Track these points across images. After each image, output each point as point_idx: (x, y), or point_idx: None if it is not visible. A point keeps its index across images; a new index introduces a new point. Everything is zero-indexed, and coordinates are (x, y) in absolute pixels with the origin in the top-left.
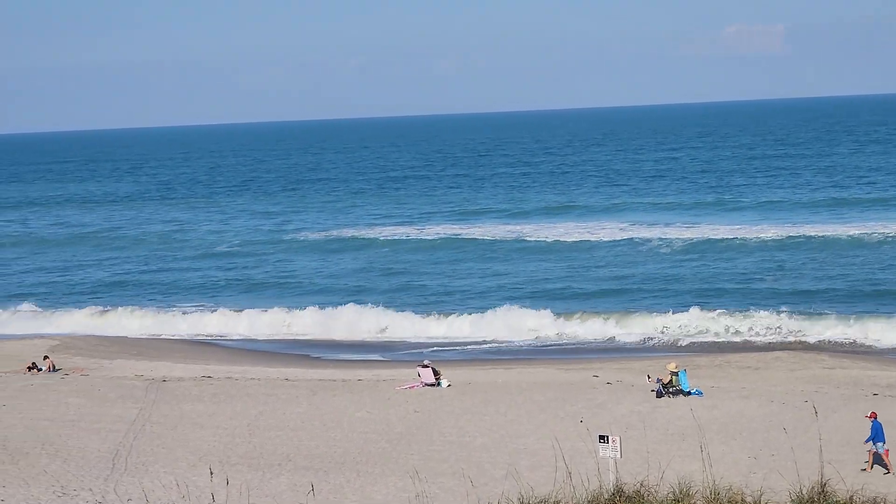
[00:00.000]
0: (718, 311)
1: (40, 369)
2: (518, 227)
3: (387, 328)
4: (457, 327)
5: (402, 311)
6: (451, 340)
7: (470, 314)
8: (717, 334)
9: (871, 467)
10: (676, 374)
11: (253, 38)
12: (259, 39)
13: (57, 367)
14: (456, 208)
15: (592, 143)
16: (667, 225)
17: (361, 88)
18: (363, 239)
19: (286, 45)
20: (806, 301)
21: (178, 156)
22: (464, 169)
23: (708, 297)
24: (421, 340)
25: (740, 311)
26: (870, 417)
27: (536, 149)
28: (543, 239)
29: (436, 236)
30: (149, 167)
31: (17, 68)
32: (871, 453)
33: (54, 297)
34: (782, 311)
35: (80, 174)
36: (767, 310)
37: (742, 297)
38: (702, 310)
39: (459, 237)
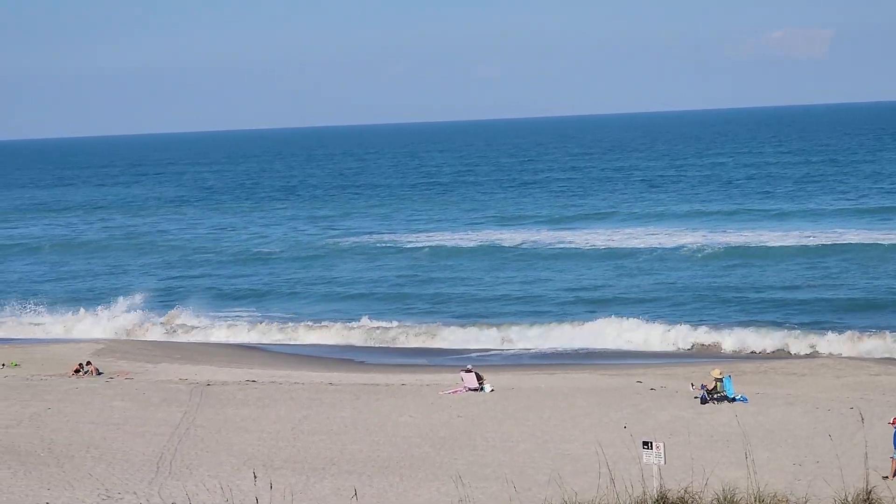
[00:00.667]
0: (763, 317)
1: (86, 372)
2: (561, 234)
3: (432, 334)
4: (503, 335)
5: (447, 317)
6: (496, 348)
7: (517, 323)
8: (761, 340)
9: (893, 476)
10: (721, 380)
11: (296, 42)
12: (302, 43)
13: (100, 371)
14: (500, 213)
15: (634, 148)
16: (711, 231)
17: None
18: (407, 244)
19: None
20: (851, 309)
21: (222, 160)
22: (508, 174)
23: (753, 304)
24: (465, 346)
25: (785, 318)
26: (892, 424)
27: (581, 153)
28: (588, 245)
29: (479, 242)
30: (193, 171)
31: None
32: (893, 461)
33: (101, 300)
34: (826, 320)
35: (125, 178)
36: (811, 316)
37: (786, 305)
38: (746, 316)
39: (502, 243)
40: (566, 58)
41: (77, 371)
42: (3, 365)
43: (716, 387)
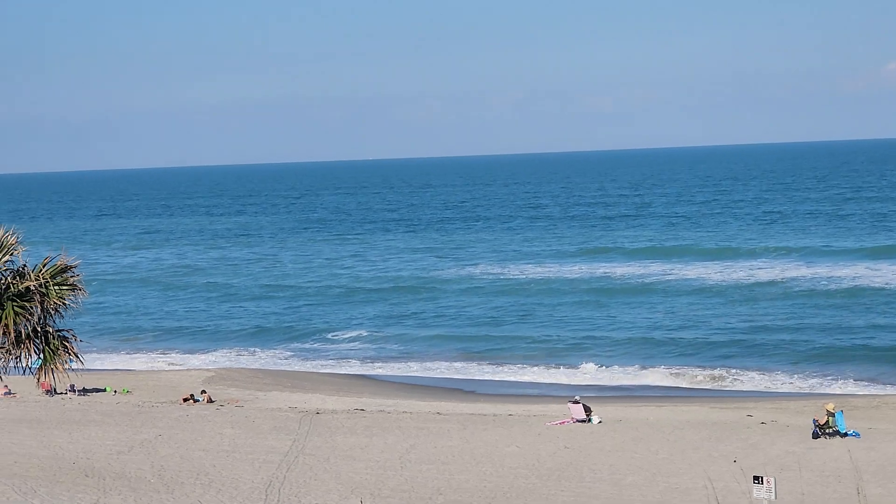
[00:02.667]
0: (874, 352)
1: (197, 400)
2: (669, 266)
3: (537, 365)
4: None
5: (553, 348)
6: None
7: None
8: (873, 376)
9: None
10: (833, 414)
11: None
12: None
13: (213, 399)
14: (608, 245)
15: (743, 178)
16: (831, 266)
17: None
18: (516, 275)
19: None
20: None
21: (334, 190)
22: (618, 209)
23: (865, 339)
24: (574, 383)
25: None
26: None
27: (696, 184)
28: (719, 279)
29: (589, 273)
30: (304, 201)
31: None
32: None
33: (212, 328)
34: None
35: (237, 207)
36: None
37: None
38: (856, 352)
39: (608, 276)
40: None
41: (187, 399)
42: (116, 392)
43: (828, 421)
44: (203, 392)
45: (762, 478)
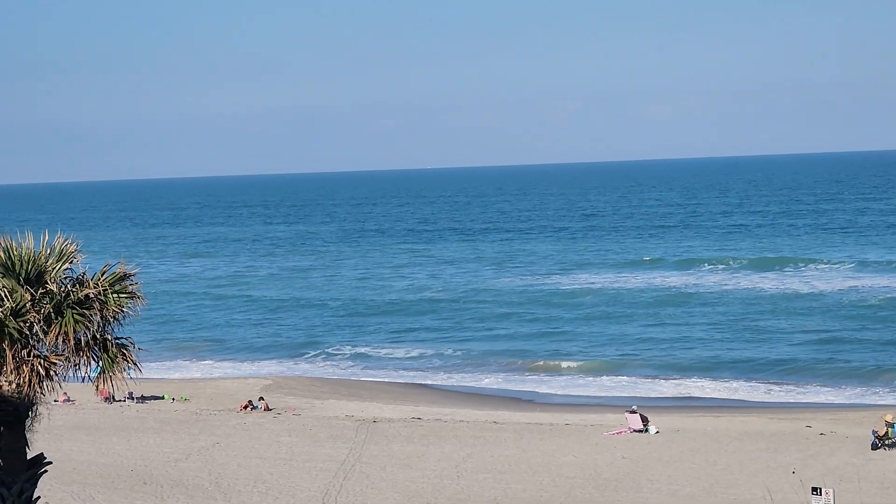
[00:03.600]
0: None
1: (255, 407)
2: (721, 277)
3: (598, 374)
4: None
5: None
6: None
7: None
8: None
9: None
10: (892, 425)
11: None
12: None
13: (271, 407)
14: (664, 254)
15: (806, 187)
16: (892, 277)
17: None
18: (565, 286)
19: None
20: None
21: (389, 200)
22: (675, 218)
23: None
24: (630, 395)
25: None
26: None
27: (754, 193)
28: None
29: (638, 284)
30: (359, 210)
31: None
32: None
33: (270, 336)
34: None
35: (292, 216)
36: None
37: None
38: None
39: (664, 285)
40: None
41: (245, 406)
42: (174, 399)
43: (887, 432)
44: (261, 399)
45: (821, 489)
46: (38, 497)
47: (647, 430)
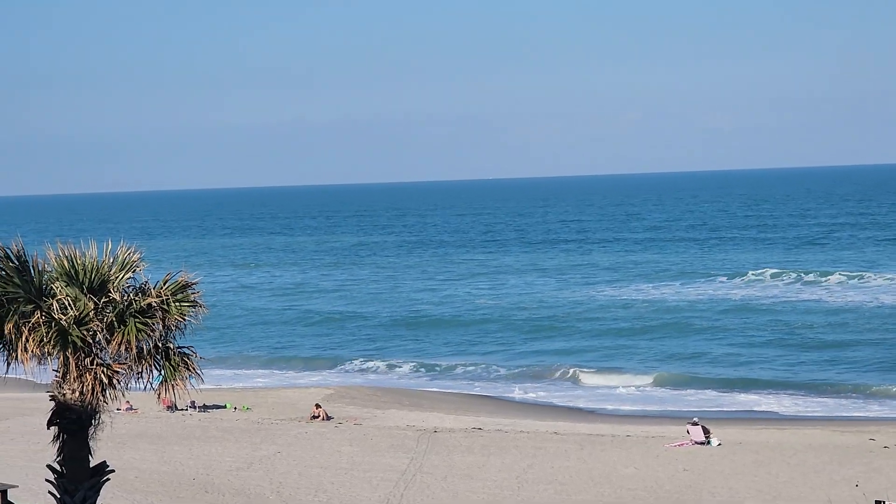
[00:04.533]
0: None
1: (317, 416)
2: (787, 288)
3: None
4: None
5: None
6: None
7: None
8: None
9: None
10: None
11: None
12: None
13: (330, 416)
14: (730, 266)
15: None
16: None
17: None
18: (627, 297)
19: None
20: None
21: (450, 210)
22: (743, 231)
23: None
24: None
25: None
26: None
27: (816, 204)
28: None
29: (701, 296)
30: (419, 221)
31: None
32: None
33: (331, 345)
34: None
35: (352, 225)
36: None
37: None
38: None
39: (729, 297)
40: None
41: (316, 416)
42: (236, 408)
43: None
44: (318, 406)
45: (885, 502)
46: None
47: (709, 443)
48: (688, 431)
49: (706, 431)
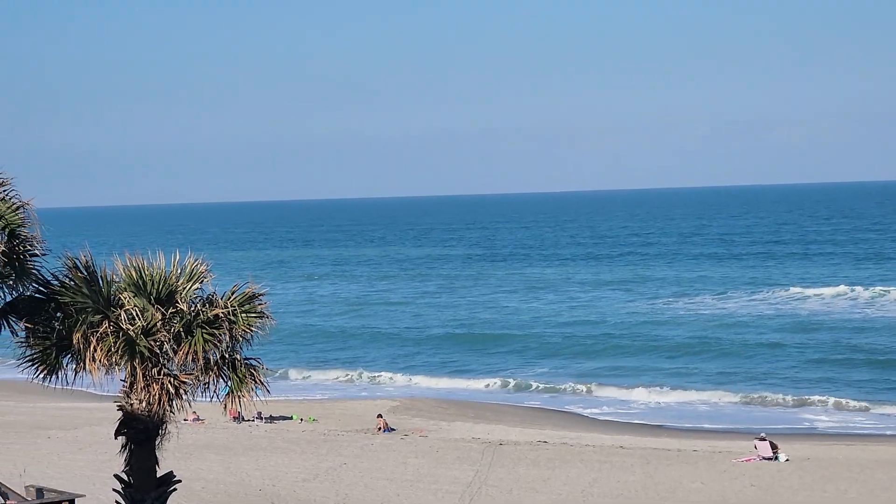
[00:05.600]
0: None
1: (379, 427)
2: (852, 302)
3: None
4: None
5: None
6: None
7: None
8: None
9: None
10: None
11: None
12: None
13: (391, 427)
14: (806, 281)
15: None
16: None
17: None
18: (695, 311)
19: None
20: None
21: (517, 222)
22: (817, 245)
23: None
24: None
25: None
26: None
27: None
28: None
29: (768, 310)
30: (483, 233)
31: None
32: None
33: (397, 357)
34: None
35: (417, 238)
36: None
37: None
38: None
39: (797, 311)
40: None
41: (381, 428)
42: (302, 420)
43: None
44: (379, 416)
45: None
46: None
47: (776, 458)
48: (755, 447)
49: (774, 447)
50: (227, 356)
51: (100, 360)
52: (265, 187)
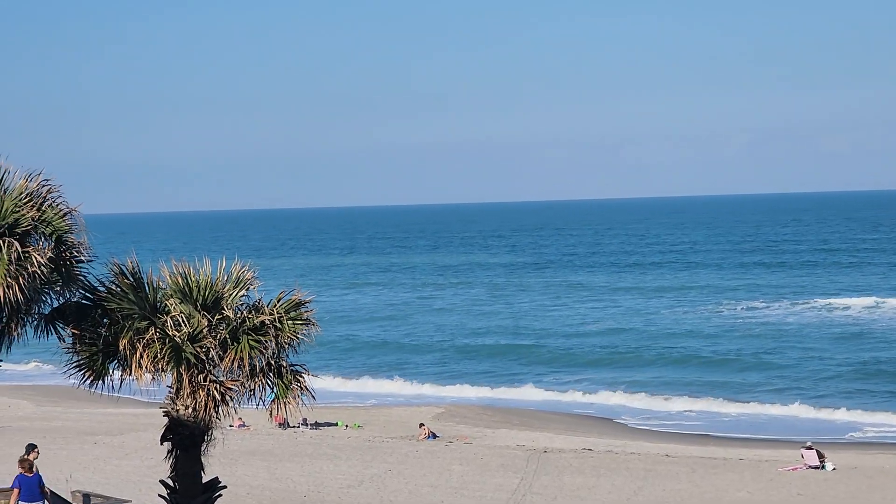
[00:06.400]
0: None
1: (434, 436)
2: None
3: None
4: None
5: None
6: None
7: None
8: None
9: None
10: None
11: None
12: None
13: (436, 434)
14: (859, 289)
15: None
16: None
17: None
18: (745, 318)
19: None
20: None
21: (568, 229)
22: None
23: None
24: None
25: None
26: None
27: None
28: None
29: (820, 318)
30: (537, 240)
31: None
32: None
33: (442, 364)
34: None
35: (465, 243)
36: None
37: None
38: None
39: (848, 318)
40: None
41: (425, 434)
42: (347, 426)
43: None
44: (421, 425)
45: None
46: None
47: (823, 467)
48: (802, 455)
49: (821, 456)
50: (272, 363)
51: (146, 367)
52: (311, 194)
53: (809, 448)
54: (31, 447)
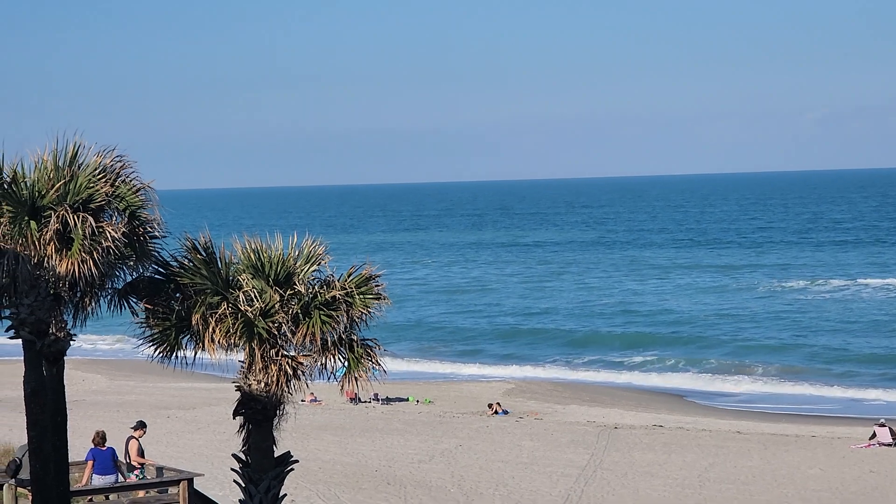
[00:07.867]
0: None
1: (504, 412)
2: None
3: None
4: None
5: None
6: None
7: None
8: None
9: None
10: None
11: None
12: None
13: (506, 411)
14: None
15: None
16: None
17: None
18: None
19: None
20: None
21: (661, 203)
22: None
23: None
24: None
25: None
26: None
27: None
28: None
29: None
30: (604, 214)
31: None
32: None
33: (513, 339)
34: None
35: (546, 221)
36: None
37: None
38: None
39: None
40: None
41: (494, 411)
42: (418, 402)
43: None
44: (489, 405)
45: None
46: (285, 494)
47: None
48: (874, 433)
49: (893, 433)
50: (344, 337)
51: (218, 341)
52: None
53: (882, 425)
54: (141, 424)
